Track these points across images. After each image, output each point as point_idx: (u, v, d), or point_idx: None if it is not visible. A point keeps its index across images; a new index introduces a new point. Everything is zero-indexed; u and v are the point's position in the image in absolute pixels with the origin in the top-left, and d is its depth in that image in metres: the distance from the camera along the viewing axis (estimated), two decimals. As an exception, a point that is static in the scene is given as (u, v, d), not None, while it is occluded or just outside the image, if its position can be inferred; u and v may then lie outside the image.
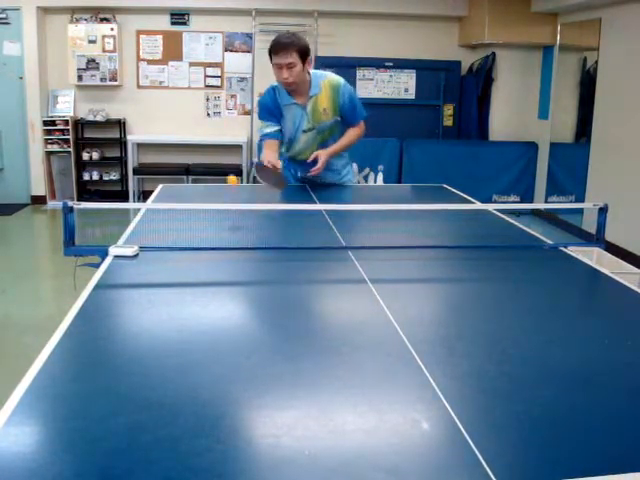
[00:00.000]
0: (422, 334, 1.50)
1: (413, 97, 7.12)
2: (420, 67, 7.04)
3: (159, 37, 7.02)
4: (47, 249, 5.70)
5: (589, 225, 4.76)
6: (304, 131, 3.12)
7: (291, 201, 2.93)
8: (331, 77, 3.09)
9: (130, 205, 5.32)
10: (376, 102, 6.72)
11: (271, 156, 2.99)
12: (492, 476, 0.94)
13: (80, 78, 6.83)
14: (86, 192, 7.16)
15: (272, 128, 3.11)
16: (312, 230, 2.41)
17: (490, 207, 2.90)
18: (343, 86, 3.08)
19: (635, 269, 2.55)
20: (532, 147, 6.96)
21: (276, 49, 2.89)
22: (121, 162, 7.12)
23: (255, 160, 6.96)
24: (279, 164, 2.96)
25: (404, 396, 1.19)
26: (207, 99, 7.23)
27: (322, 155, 3.05)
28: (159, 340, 1.45)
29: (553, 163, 6.66)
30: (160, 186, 3.23)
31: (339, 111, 3.11)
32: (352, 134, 3.21)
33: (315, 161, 3.07)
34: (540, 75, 6.97)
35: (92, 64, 6.81)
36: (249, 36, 7.03)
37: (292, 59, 2.87)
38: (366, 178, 6.68)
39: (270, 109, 3.08)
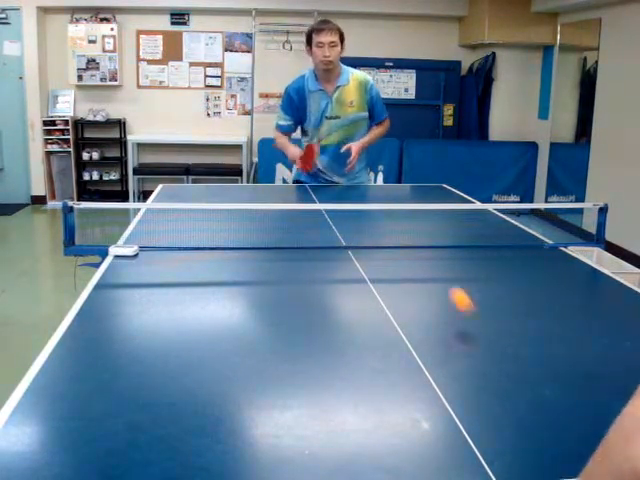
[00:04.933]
0: (422, 334, 1.50)
1: (413, 97, 7.12)
2: (420, 67, 7.04)
3: (159, 37, 7.02)
4: (47, 249, 5.70)
5: (589, 225, 4.77)
6: (327, 117, 3.24)
7: (291, 201, 2.94)
8: (359, 73, 3.31)
9: (130, 205, 5.32)
10: (376, 102, 6.72)
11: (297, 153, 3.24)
12: (492, 476, 0.94)
13: (80, 78, 6.83)
14: (86, 192, 7.16)
15: (287, 122, 3.29)
16: (312, 230, 2.41)
17: (490, 207, 2.90)
18: (372, 83, 3.31)
19: (635, 269, 2.55)
20: (532, 147, 6.96)
21: (321, 27, 3.09)
22: (121, 162, 7.11)
23: (255, 160, 6.97)
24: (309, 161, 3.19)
25: (404, 396, 1.19)
26: (207, 99, 7.22)
27: (354, 146, 3.20)
28: (159, 340, 1.45)
29: (553, 163, 6.65)
30: (160, 186, 3.23)
31: (367, 106, 3.28)
32: (378, 130, 3.39)
33: (347, 155, 3.21)
34: (540, 75, 6.96)
35: (92, 64, 6.81)
36: (249, 36, 7.02)
37: (335, 38, 3.07)
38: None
39: (293, 101, 3.24)
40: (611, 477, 0.61)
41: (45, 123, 6.80)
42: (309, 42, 3.13)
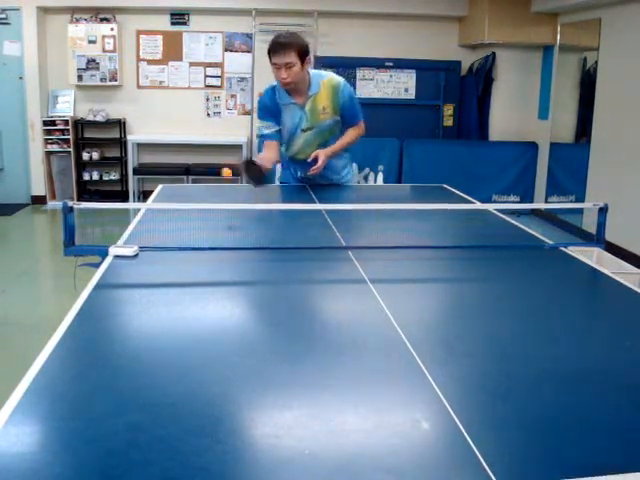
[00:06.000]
0: (422, 334, 1.50)
1: (413, 97, 7.12)
2: (420, 67, 7.04)
3: (159, 37, 7.02)
4: (47, 249, 5.70)
5: (589, 225, 4.76)
6: (303, 130, 3.12)
7: (291, 201, 2.94)
8: (331, 76, 3.10)
9: (130, 205, 5.32)
10: (376, 102, 6.73)
11: (266, 157, 3.05)
12: (492, 476, 0.94)
13: (80, 78, 6.83)
14: (86, 192, 7.16)
15: (271, 129, 3.11)
16: (312, 230, 2.41)
17: (490, 207, 2.90)
18: (343, 85, 3.09)
19: (635, 269, 2.55)
20: (532, 147, 6.96)
21: (274, 49, 2.89)
22: (121, 162, 7.12)
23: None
24: (268, 166, 3.01)
25: (404, 396, 1.19)
26: (207, 99, 7.23)
27: (321, 154, 3.05)
28: (159, 340, 1.45)
29: (553, 163, 6.66)
30: (160, 186, 3.23)
31: (339, 110, 3.11)
32: (352, 134, 3.22)
33: (315, 160, 3.06)
34: (540, 75, 6.97)
35: (92, 64, 6.81)
36: (249, 36, 7.03)
37: (290, 59, 2.86)
38: (366, 178, 6.68)
39: (269, 109, 3.09)
40: None
41: (45, 123, 6.81)
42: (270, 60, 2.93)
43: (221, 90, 7.22)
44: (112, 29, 6.78)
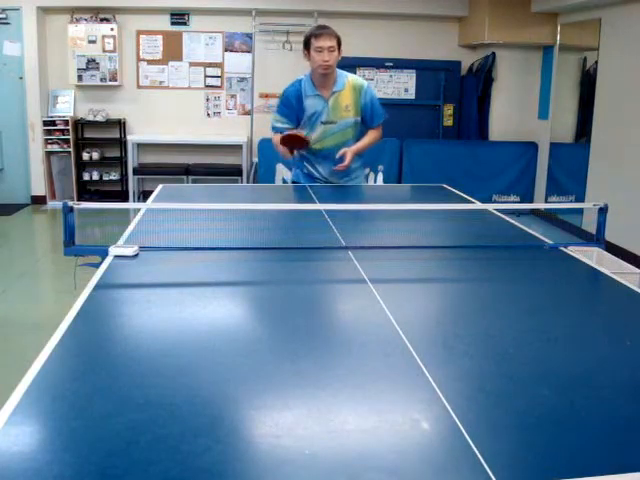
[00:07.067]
0: (422, 334, 1.50)
1: (413, 97, 7.12)
2: (420, 67, 7.04)
3: (159, 37, 7.02)
4: (47, 249, 5.70)
5: (589, 225, 4.76)
6: (322, 123, 3.26)
7: (291, 201, 2.94)
8: (355, 77, 3.32)
9: (130, 205, 5.32)
10: (376, 102, 6.72)
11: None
12: (492, 476, 0.94)
13: (80, 78, 6.83)
14: (86, 192, 7.16)
15: (282, 124, 3.29)
16: (312, 230, 2.41)
17: (490, 207, 2.90)
18: (367, 87, 3.29)
19: (635, 269, 2.56)
20: (532, 147, 6.96)
21: (320, 33, 3.12)
22: (121, 162, 7.11)
23: (255, 160, 6.96)
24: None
25: (404, 396, 1.19)
26: (207, 99, 7.23)
27: (349, 152, 3.22)
28: (159, 340, 1.45)
29: (553, 163, 6.66)
30: (160, 186, 3.24)
31: (361, 111, 3.28)
32: (373, 135, 3.39)
33: (341, 158, 3.22)
34: (540, 75, 6.97)
35: (92, 64, 6.81)
36: (249, 36, 7.02)
37: (333, 43, 3.10)
38: (366, 178, 6.68)
39: (290, 102, 3.25)
40: None
41: (45, 123, 6.80)
42: (307, 46, 3.15)
43: (221, 90, 7.22)
44: (112, 29, 6.78)
